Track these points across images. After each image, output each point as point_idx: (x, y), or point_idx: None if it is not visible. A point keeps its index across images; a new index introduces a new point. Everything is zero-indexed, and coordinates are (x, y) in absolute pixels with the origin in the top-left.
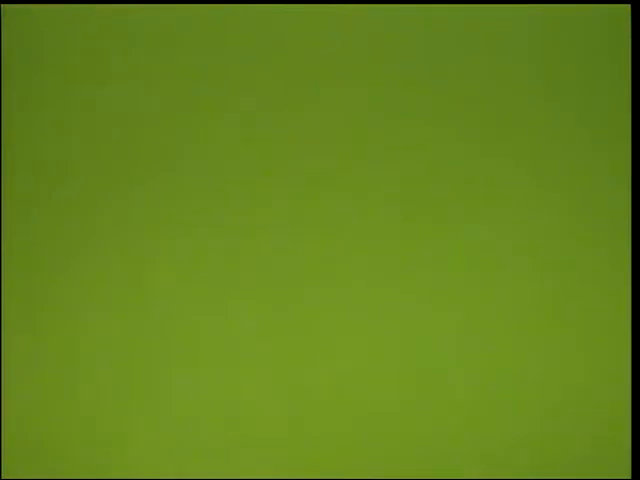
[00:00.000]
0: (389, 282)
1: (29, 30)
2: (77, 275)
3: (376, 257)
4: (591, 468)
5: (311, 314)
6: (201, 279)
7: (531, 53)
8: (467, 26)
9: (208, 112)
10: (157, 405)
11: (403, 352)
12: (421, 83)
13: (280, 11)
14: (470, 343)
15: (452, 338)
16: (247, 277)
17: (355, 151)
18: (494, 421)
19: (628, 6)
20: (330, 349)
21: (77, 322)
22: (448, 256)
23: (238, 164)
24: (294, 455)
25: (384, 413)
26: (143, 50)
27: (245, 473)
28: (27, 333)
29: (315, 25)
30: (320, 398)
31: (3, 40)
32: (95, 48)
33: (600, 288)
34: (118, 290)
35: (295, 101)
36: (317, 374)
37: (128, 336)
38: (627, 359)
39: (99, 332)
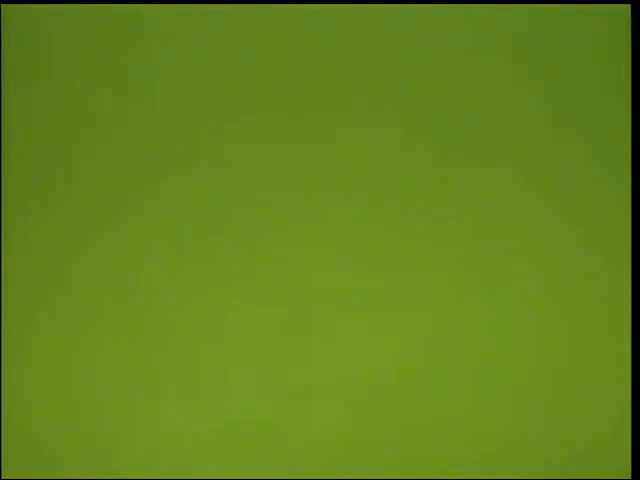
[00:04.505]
0: (389, 282)
1: (29, 30)
2: (77, 275)
3: (376, 257)
4: (591, 468)
5: (310, 313)
6: (201, 279)
7: (531, 53)
8: (466, 26)
9: (209, 113)
10: (157, 405)
11: (402, 352)
12: (420, 83)
13: (283, 12)
14: (470, 343)
15: (452, 339)
16: (246, 276)
17: (355, 152)
18: (494, 421)
19: (628, 6)
20: (329, 349)
21: (77, 322)
22: (448, 257)
23: (239, 165)
24: (293, 455)
25: (383, 414)
26: (144, 50)
27: (245, 473)
28: (27, 333)
29: (317, 26)
30: (319, 398)
31: (3, 40)
32: (95, 48)
33: (600, 288)
34: (118, 290)
35: (297, 103)
36: (316, 374)
37: (128, 336)
38: (627, 359)
39: (99, 332)
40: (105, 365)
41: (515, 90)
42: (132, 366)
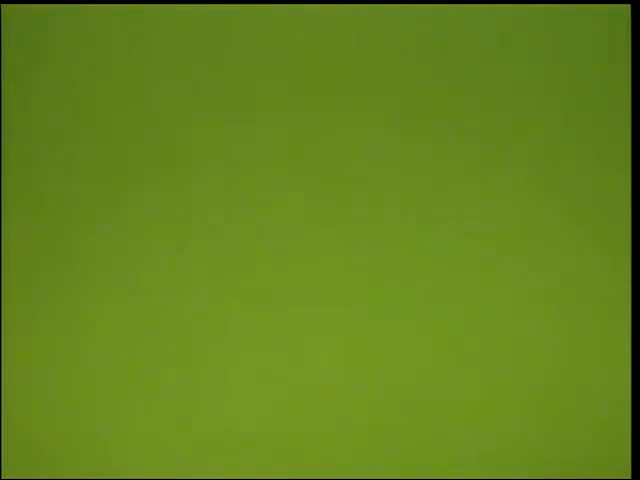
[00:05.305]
0: (388, 283)
1: (29, 30)
2: (77, 275)
3: (376, 257)
4: (591, 468)
5: (310, 314)
6: (202, 279)
7: (531, 53)
8: (466, 26)
9: (210, 114)
10: (157, 405)
11: (402, 351)
12: (420, 84)
13: (283, 12)
14: (469, 343)
15: (451, 338)
16: (248, 276)
17: (354, 152)
18: (494, 421)
19: (628, 6)
20: (330, 349)
21: (77, 322)
22: (448, 257)
23: (240, 165)
24: (292, 455)
25: (383, 414)
26: (144, 50)
27: (245, 473)
28: (27, 333)
29: (317, 26)
30: (318, 398)
31: (3, 40)
32: (95, 48)
33: (600, 288)
34: (118, 290)
35: (297, 105)
36: (315, 373)
37: (128, 337)
38: (627, 359)
39: (99, 332)
40: (105, 365)
41: (515, 90)
42: (132, 366)
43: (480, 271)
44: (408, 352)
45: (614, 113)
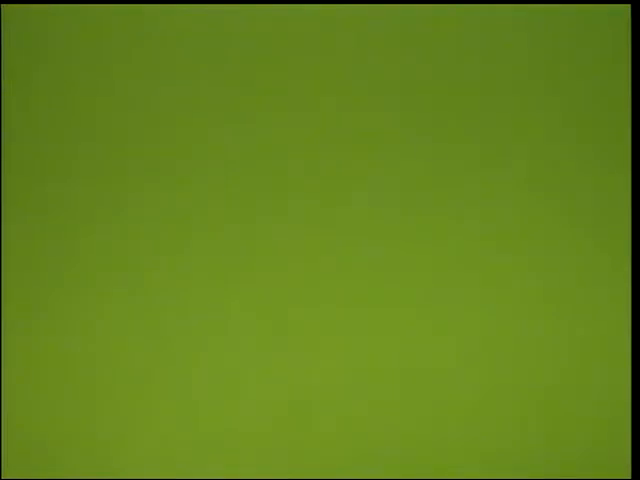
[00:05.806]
0: (388, 283)
1: (29, 30)
2: (77, 275)
3: (376, 257)
4: (591, 468)
5: (308, 314)
6: (202, 280)
7: (531, 53)
8: (466, 26)
9: (210, 114)
10: (157, 405)
11: (402, 352)
12: (421, 84)
13: (283, 12)
14: (470, 343)
15: (451, 338)
16: (246, 276)
17: (355, 152)
18: (494, 421)
19: (628, 6)
20: (328, 348)
21: (77, 322)
22: (448, 258)
23: (239, 165)
24: (292, 455)
25: (383, 414)
26: (144, 51)
27: (245, 473)
28: (27, 333)
29: (317, 26)
30: (318, 398)
31: (3, 40)
32: (95, 48)
33: (600, 288)
34: (118, 291)
35: (297, 107)
36: (315, 373)
37: (128, 337)
38: (627, 359)
39: (99, 333)
40: (105, 365)
41: (515, 90)
42: (132, 366)
43: (480, 271)
44: (407, 352)
45: (614, 113)
